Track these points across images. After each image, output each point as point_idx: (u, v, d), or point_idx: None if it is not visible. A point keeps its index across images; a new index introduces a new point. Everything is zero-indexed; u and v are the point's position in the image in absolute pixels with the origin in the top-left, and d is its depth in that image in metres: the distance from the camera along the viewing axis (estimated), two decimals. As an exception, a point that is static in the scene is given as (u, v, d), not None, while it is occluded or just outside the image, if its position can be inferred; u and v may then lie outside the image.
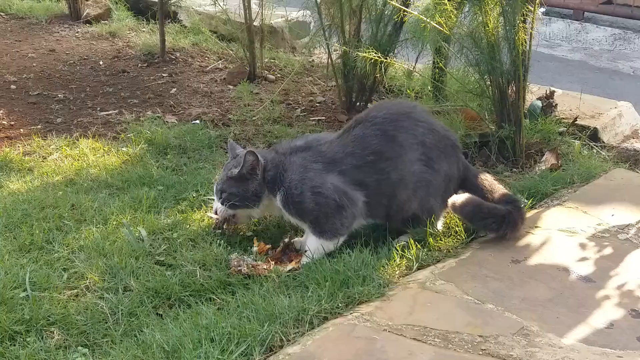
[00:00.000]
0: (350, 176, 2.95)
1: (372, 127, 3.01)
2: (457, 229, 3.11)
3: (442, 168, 3.06)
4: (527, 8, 3.69)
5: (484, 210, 3.02)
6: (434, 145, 3.04)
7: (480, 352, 2.34)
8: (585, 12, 8.60)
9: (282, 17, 6.11)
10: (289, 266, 2.89)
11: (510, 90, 3.87)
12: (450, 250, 2.99)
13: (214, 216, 3.10)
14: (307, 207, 2.90)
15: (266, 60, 5.68)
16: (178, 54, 5.93)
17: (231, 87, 5.26)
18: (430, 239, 3.00)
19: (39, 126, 4.53)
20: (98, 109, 4.84)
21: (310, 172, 2.93)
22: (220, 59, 5.88)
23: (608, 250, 2.99)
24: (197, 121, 4.54)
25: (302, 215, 2.94)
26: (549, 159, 3.90)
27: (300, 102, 4.99)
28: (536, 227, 3.17)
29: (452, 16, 3.75)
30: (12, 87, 5.22)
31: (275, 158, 3.00)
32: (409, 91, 4.65)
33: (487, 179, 3.21)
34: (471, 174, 3.21)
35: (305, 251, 2.96)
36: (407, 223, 3.03)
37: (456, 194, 3.12)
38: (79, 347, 2.46)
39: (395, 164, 2.98)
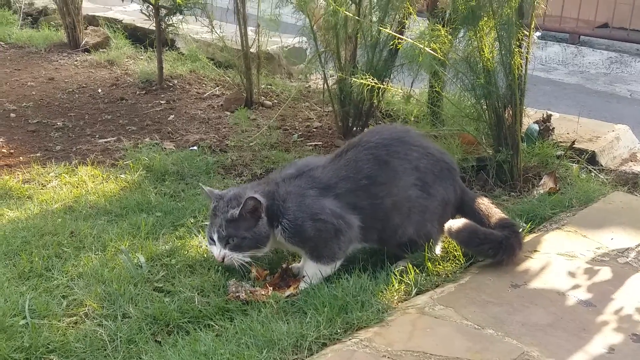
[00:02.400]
0: (345, 200, 2.95)
1: (364, 152, 3.01)
2: (455, 253, 3.11)
3: (439, 192, 3.06)
4: (523, 32, 3.72)
5: (480, 236, 3.01)
6: (428, 169, 3.04)
7: (480, 377, 2.33)
8: (581, 36, 8.66)
9: (278, 45, 6.15)
10: (287, 292, 2.89)
11: (507, 114, 3.89)
12: (449, 275, 2.99)
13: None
14: (309, 235, 2.89)
15: (263, 86, 5.71)
16: (176, 81, 5.96)
17: (228, 113, 5.28)
18: (429, 264, 2.99)
19: (38, 154, 4.54)
20: (97, 136, 4.85)
21: (307, 199, 2.92)
22: (218, 86, 5.91)
23: (608, 274, 2.99)
24: (195, 147, 4.55)
25: (303, 243, 2.93)
26: (547, 183, 3.90)
27: (297, 127, 5.01)
28: (535, 251, 3.17)
29: (447, 42, 3.78)
30: (12, 115, 5.24)
31: (269, 191, 2.95)
32: (407, 116, 4.67)
33: (485, 203, 3.21)
34: (468, 197, 3.21)
35: (303, 276, 2.96)
36: (405, 248, 3.03)
37: (454, 218, 3.12)
38: (77, 376, 2.45)
39: (389, 189, 2.98)
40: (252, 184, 3.14)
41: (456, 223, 3.03)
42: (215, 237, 2.91)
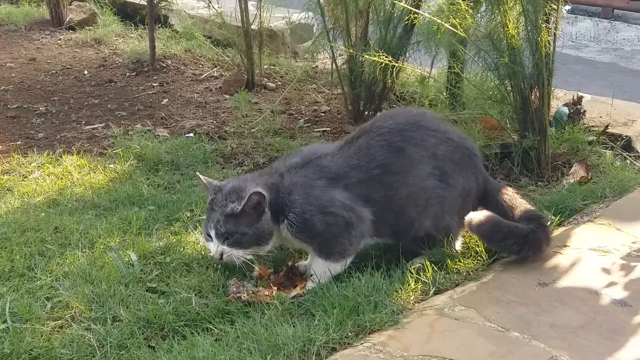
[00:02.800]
0: (356, 191, 2.94)
1: (377, 138, 3.00)
2: (477, 249, 3.11)
3: (458, 182, 3.05)
4: (550, 6, 3.71)
5: (503, 230, 3.01)
6: (447, 156, 3.04)
7: (505, 385, 2.33)
8: (615, 10, 8.62)
9: (282, 19, 6.13)
10: (293, 292, 2.89)
11: (533, 96, 3.88)
12: (471, 273, 2.99)
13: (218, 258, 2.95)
14: (318, 230, 2.89)
15: (265, 66, 5.71)
16: (169, 62, 5.96)
17: (227, 96, 5.28)
18: (448, 261, 2.99)
19: (19, 142, 4.55)
20: (83, 122, 4.86)
21: (315, 190, 2.92)
22: (216, 66, 5.91)
23: (644, 271, 2.99)
24: (191, 134, 4.56)
25: (311, 238, 2.93)
26: (577, 171, 3.89)
27: (303, 112, 5.01)
28: (565, 246, 3.17)
29: (468, 17, 3.76)
30: (-11, 99, 5.26)
31: (272, 183, 2.94)
32: (422, 99, 4.66)
33: (509, 194, 3.20)
34: (491, 187, 3.21)
35: (311, 275, 2.96)
36: (422, 243, 3.03)
37: (475, 210, 3.12)
38: (64, 384, 2.46)
39: (404, 178, 2.98)
40: (253, 174, 3.14)
41: (477, 215, 3.03)
42: (212, 233, 2.90)
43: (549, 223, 3.20)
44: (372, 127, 3.07)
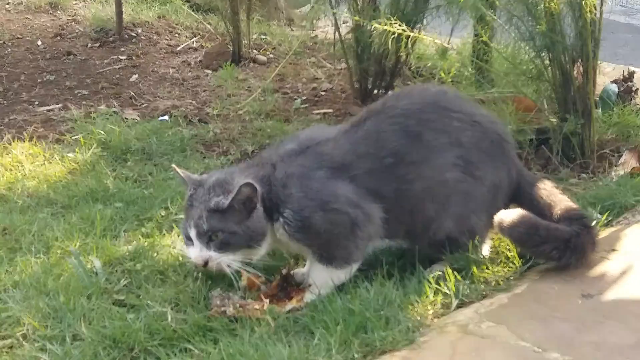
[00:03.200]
0: (363, 184, 2.93)
1: (389, 121, 3.00)
2: (508, 253, 3.11)
3: (487, 175, 3.05)
4: (597, -37, 3.71)
5: (540, 233, 2.99)
6: (474, 144, 3.03)
7: (542, 416, 2.34)
8: (674, -33, 8.62)
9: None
10: (289, 305, 2.89)
11: (576, 72, 3.88)
12: (501, 282, 2.99)
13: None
14: (318, 230, 2.88)
15: (255, 36, 5.71)
16: (140, 30, 5.96)
17: (210, 72, 5.29)
18: (474, 268, 2.99)
19: (-41, 126, 4.56)
20: (36, 102, 4.86)
21: (315, 182, 2.91)
22: (195, 36, 5.91)
23: None
24: (166, 117, 4.56)
25: (311, 240, 2.92)
26: (628, 161, 3.89)
27: (300, 90, 5.01)
28: (613, 250, 3.16)
29: (498, -25, 3.76)
30: None
31: (264, 175, 2.93)
32: (443, 75, 4.66)
33: (547, 189, 3.19)
34: (526, 182, 3.20)
35: (309, 285, 2.96)
36: (442, 247, 3.02)
37: (506, 206, 3.12)
38: (14, 415, 2.47)
39: (420, 170, 2.97)
40: (240, 166, 3.13)
41: (509, 215, 3.02)
42: (193, 233, 2.88)
43: (594, 223, 3.20)
44: (384, 107, 3.07)
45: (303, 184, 2.89)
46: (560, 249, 2.97)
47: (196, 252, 2.87)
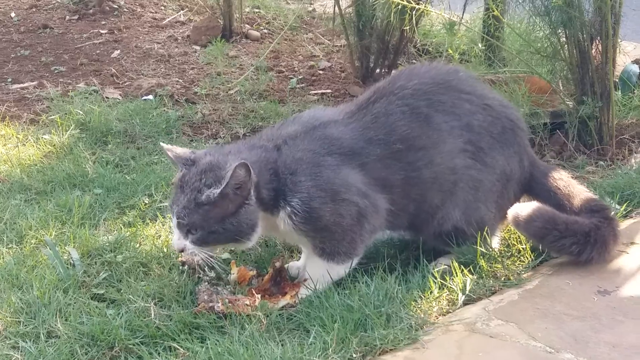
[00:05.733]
0: (372, 173, 2.93)
1: (397, 102, 2.99)
2: (519, 246, 3.11)
3: (498, 162, 3.05)
4: None
5: (559, 227, 2.99)
6: (485, 129, 3.03)
7: (554, 422, 2.35)
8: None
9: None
10: (282, 301, 2.89)
11: (594, 50, 3.88)
12: (511, 277, 2.99)
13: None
14: (326, 222, 2.87)
15: (247, 10, 5.70)
16: (122, 2, 5.95)
17: (198, 48, 5.28)
18: (482, 262, 3.00)
19: None
20: (9, 80, 4.86)
21: (326, 170, 2.89)
22: (183, 9, 5.90)
23: None
24: (150, 97, 4.56)
25: (316, 232, 2.90)
26: (650, 148, 3.90)
27: (296, 68, 5.01)
28: (632, 243, 3.17)
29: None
30: None
31: (266, 159, 2.90)
32: (450, 51, 4.66)
33: (563, 178, 3.19)
34: (539, 171, 3.20)
35: (305, 280, 2.96)
36: (448, 239, 3.03)
37: (517, 199, 3.12)
38: (-16, 418, 2.47)
39: (430, 156, 2.97)
40: (237, 145, 3.08)
41: (524, 209, 3.01)
42: (174, 221, 2.86)
43: (614, 215, 3.20)
44: (393, 87, 3.05)
45: (313, 172, 2.87)
46: (581, 244, 2.98)
47: (174, 239, 2.87)
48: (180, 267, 3.02)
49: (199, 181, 2.82)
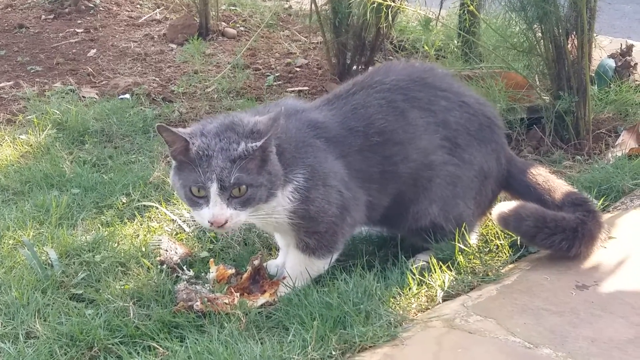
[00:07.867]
0: (352, 164, 2.93)
1: (376, 96, 2.99)
2: (497, 242, 3.12)
3: (475, 159, 3.06)
4: None
5: (549, 224, 2.98)
6: (462, 125, 3.04)
7: (534, 416, 2.35)
8: None
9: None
10: (261, 299, 2.89)
11: (570, 45, 3.88)
12: (489, 273, 3.00)
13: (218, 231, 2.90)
14: (317, 207, 2.84)
15: (224, 7, 5.69)
16: (98, 1, 5.92)
17: (174, 46, 5.27)
18: (460, 258, 3.00)
19: None
20: (-15, 80, 4.84)
21: (319, 152, 2.87)
22: (158, 7, 5.88)
23: None
24: (127, 95, 4.54)
25: (304, 219, 2.86)
26: (626, 142, 3.91)
27: (273, 66, 5.00)
28: (610, 237, 3.18)
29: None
30: None
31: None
32: (427, 48, 4.67)
33: (541, 174, 3.19)
34: (517, 169, 3.20)
35: (284, 277, 2.96)
36: (426, 235, 3.04)
37: (495, 196, 3.12)
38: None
39: (405, 151, 2.97)
40: (246, 112, 2.97)
41: (510, 207, 2.99)
42: (213, 187, 2.65)
43: (597, 208, 3.20)
44: (371, 81, 3.06)
45: (307, 151, 2.84)
46: (570, 239, 2.98)
47: (217, 211, 2.68)
48: (159, 267, 3.02)
49: (225, 141, 2.69)
